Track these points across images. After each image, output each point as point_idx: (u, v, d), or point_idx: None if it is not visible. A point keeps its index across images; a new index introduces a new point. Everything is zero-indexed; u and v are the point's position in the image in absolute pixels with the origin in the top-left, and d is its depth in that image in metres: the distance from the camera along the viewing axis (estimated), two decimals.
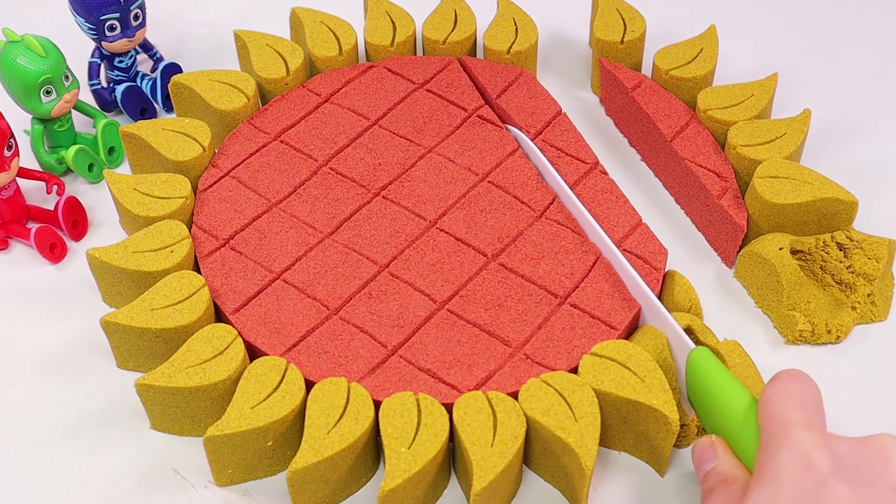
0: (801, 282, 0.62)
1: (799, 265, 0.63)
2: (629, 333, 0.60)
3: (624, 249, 0.63)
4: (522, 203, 0.66)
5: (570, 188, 0.66)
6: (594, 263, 0.62)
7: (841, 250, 0.64)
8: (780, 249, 0.62)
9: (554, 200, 0.66)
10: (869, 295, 0.63)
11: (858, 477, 0.39)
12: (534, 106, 0.72)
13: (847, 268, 0.63)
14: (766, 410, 0.44)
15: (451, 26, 0.76)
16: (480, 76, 0.74)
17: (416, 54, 0.78)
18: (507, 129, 0.70)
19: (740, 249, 0.65)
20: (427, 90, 0.73)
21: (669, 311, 0.59)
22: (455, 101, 0.72)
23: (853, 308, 0.62)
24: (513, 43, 0.75)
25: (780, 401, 0.43)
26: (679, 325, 0.57)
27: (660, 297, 0.62)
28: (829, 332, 0.62)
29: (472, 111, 0.72)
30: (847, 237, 0.63)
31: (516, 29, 0.76)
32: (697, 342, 0.59)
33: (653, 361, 0.55)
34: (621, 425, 0.56)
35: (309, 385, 0.57)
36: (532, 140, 0.69)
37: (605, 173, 0.68)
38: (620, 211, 0.65)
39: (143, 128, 0.68)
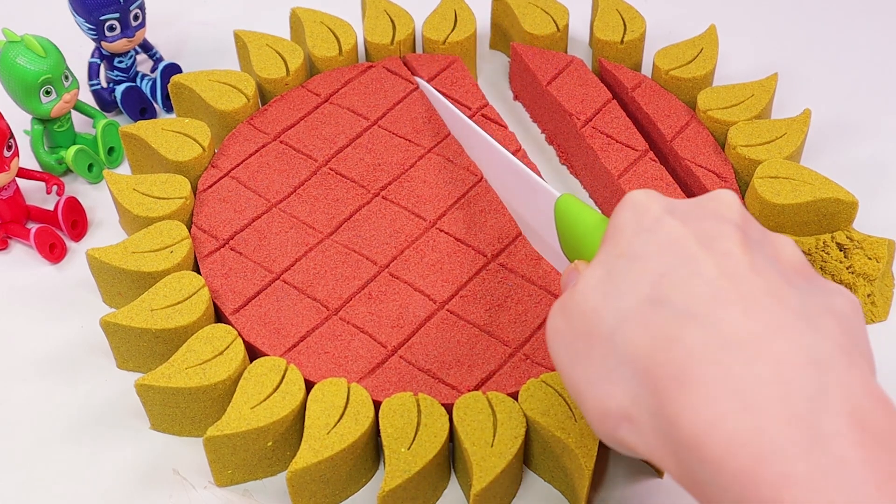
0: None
1: None
2: None
3: None
4: None
5: (617, 178, 0.67)
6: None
7: (841, 250, 0.64)
8: None
9: None
10: (869, 295, 0.63)
11: (691, 215, 0.41)
12: (584, 93, 0.72)
13: (847, 268, 0.63)
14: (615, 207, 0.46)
15: (451, 26, 0.76)
16: (532, 63, 0.74)
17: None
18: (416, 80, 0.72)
19: None
20: (433, 87, 0.73)
21: None
22: (459, 99, 0.72)
23: None
24: (554, 27, 0.76)
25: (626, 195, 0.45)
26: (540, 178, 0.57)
27: None
28: None
29: (476, 110, 0.72)
30: (847, 237, 0.63)
31: (552, 16, 0.77)
32: None
33: None
34: None
35: (309, 385, 0.57)
36: (581, 128, 0.70)
37: (656, 160, 0.67)
38: (670, 198, 0.65)
39: (142, 128, 0.68)
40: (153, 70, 0.77)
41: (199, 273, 0.63)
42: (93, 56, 0.74)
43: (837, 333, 0.37)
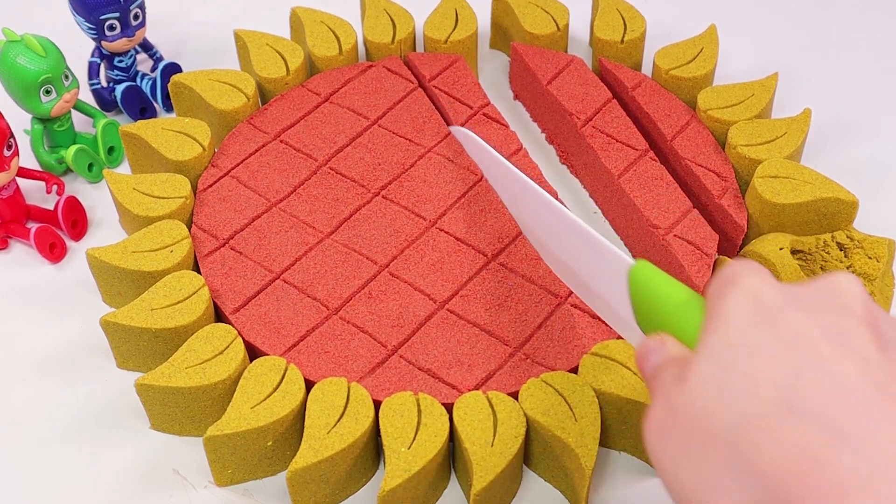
0: (801, 282, 0.62)
1: (799, 265, 0.63)
2: None
3: (675, 235, 0.63)
4: None
5: (617, 177, 0.66)
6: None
7: (841, 250, 0.64)
8: (781, 249, 0.62)
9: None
10: (869, 295, 0.63)
11: (812, 306, 0.37)
12: (584, 93, 0.72)
13: (847, 268, 0.63)
14: (712, 283, 0.41)
15: (453, 25, 0.76)
16: (532, 63, 0.74)
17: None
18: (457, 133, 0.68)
19: (740, 249, 0.65)
20: (434, 87, 0.73)
21: None
22: (461, 98, 0.72)
23: None
24: (554, 25, 0.76)
25: (727, 270, 0.40)
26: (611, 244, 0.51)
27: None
28: None
29: (478, 109, 0.71)
30: (847, 237, 0.63)
31: (552, 15, 0.77)
32: None
33: None
34: (621, 425, 0.56)
35: (309, 385, 0.57)
36: (581, 127, 0.69)
37: (656, 160, 0.67)
38: (671, 197, 0.65)
39: (142, 127, 0.68)
40: (153, 69, 0.77)
41: (199, 272, 0.63)
42: (93, 55, 0.74)
43: None
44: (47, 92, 0.67)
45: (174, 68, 0.76)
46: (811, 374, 0.34)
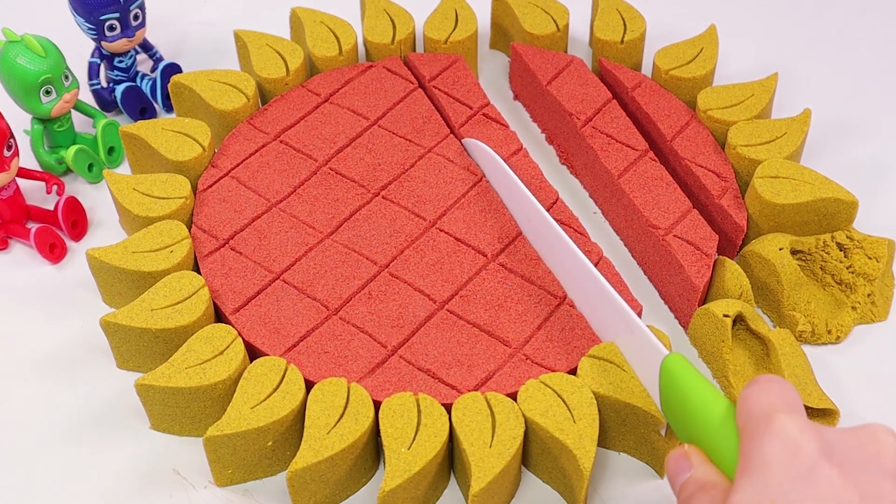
0: (801, 282, 0.62)
1: (799, 265, 0.63)
2: None
3: (674, 235, 0.63)
4: None
5: (617, 177, 0.66)
6: (595, 264, 0.62)
7: (841, 250, 0.64)
8: (780, 249, 0.62)
9: (557, 200, 0.66)
10: (869, 295, 0.63)
11: (849, 461, 0.38)
12: (584, 93, 0.72)
13: (847, 268, 0.63)
14: (744, 409, 0.42)
15: (453, 26, 0.76)
16: (532, 63, 0.74)
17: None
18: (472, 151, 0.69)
19: (740, 249, 0.65)
20: (434, 87, 0.73)
21: (720, 297, 0.59)
22: (461, 98, 0.72)
23: (853, 308, 0.62)
24: (557, 26, 0.76)
25: (760, 397, 0.41)
26: (653, 334, 0.53)
27: (710, 284, 0.62)
28: (829, 332, 0.62)
29: (477, 109, 0.71)
30: (847, 237, 0.63)
31: (552, 16, 0.77)
32: (748, 329, 0.59)
33: None
34: (620, 427, 0.56)
35: (308, 385, 0.57)
36: (581, 127, 0.69)
37: (656, 160, 0.68)
38: (670, 197, 0.65)
39: (142, 128, 0.68)
40: (153, 70, 0.77)
41: (199, 273, 0.63)
42: (93, 56, 0.74)
43: None
44: (47, 92, 0.67)
45: (174, 68, 0.76)
46: None
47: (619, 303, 0.55)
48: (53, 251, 0.67)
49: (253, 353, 0.59)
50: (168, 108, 0.77)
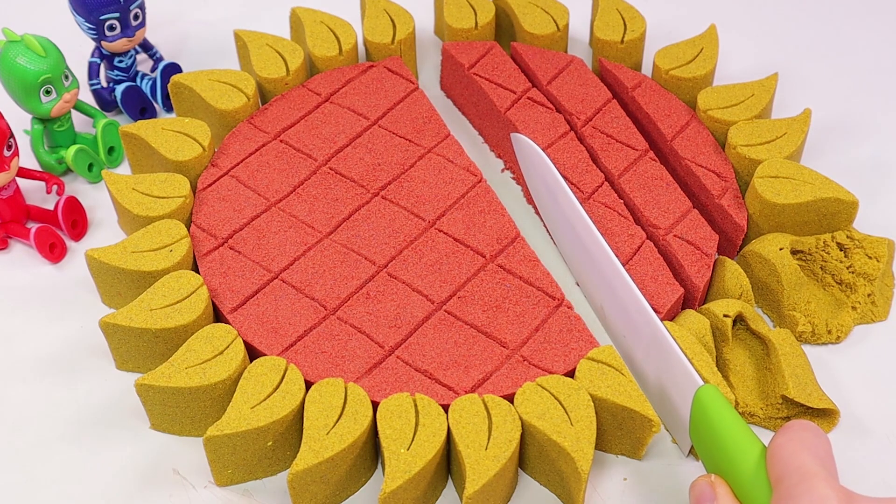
0: (801, 282, 0.62)
1: (799, 265, 0.63)
2: None
3: (675, 235, 0.63)
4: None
5: (615, 179, 0.66)
6: (638, 248, 0.62)
7: (841, 250, 0.64)
8: (781, 249, 0.62)
9: (602, 184, 0.66)
10: (869, 295, 0.63)
11: None
12: (584, 93, 0.72)
13: (847, 268, 0.63)
14: (779, 459, 0.43)
15: (473, 18, 0.77)
16: (531, 62, 0.74)
17: (413, 53, 0.78)
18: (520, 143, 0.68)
19: (740, 249, 0.65)
20: (475, 74, 0.73)
21: (720, 297, 0.59)
22: (503, 84, 0.72)
23: (853, 308, 0.62)
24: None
25: (795, 449, 0.42)
26: (686, 357, 0.52)
27: (710, 284, 0.62)
28: (829, 332, 0.62)
29: (521, 93, 0.72)
30: (847, 237, 0.63)
31: (552, 15, 0.77)
32: (748, 329, 0.59)
33: None
34: (617, 430, 0.56)
35: (306, 385, 0.57)
36: (581, 127, 0.69)
37: (656, 160, 0.68)
38: (671, 197, 0.65)
39: (142, 128, 0.68)
40: (153, 70, 0.77)
41: (197, 272, 0.63)
42: (93, 56, 0.74)
43: None
44: (47, 92, 0.67)
45: (174, 68, 0.76)
46: None
47: (658, 324, 0.53)
48: (53, 251, 0.67)
49: (250, 352, 0.59)
50: (168, 107, 0.77)
